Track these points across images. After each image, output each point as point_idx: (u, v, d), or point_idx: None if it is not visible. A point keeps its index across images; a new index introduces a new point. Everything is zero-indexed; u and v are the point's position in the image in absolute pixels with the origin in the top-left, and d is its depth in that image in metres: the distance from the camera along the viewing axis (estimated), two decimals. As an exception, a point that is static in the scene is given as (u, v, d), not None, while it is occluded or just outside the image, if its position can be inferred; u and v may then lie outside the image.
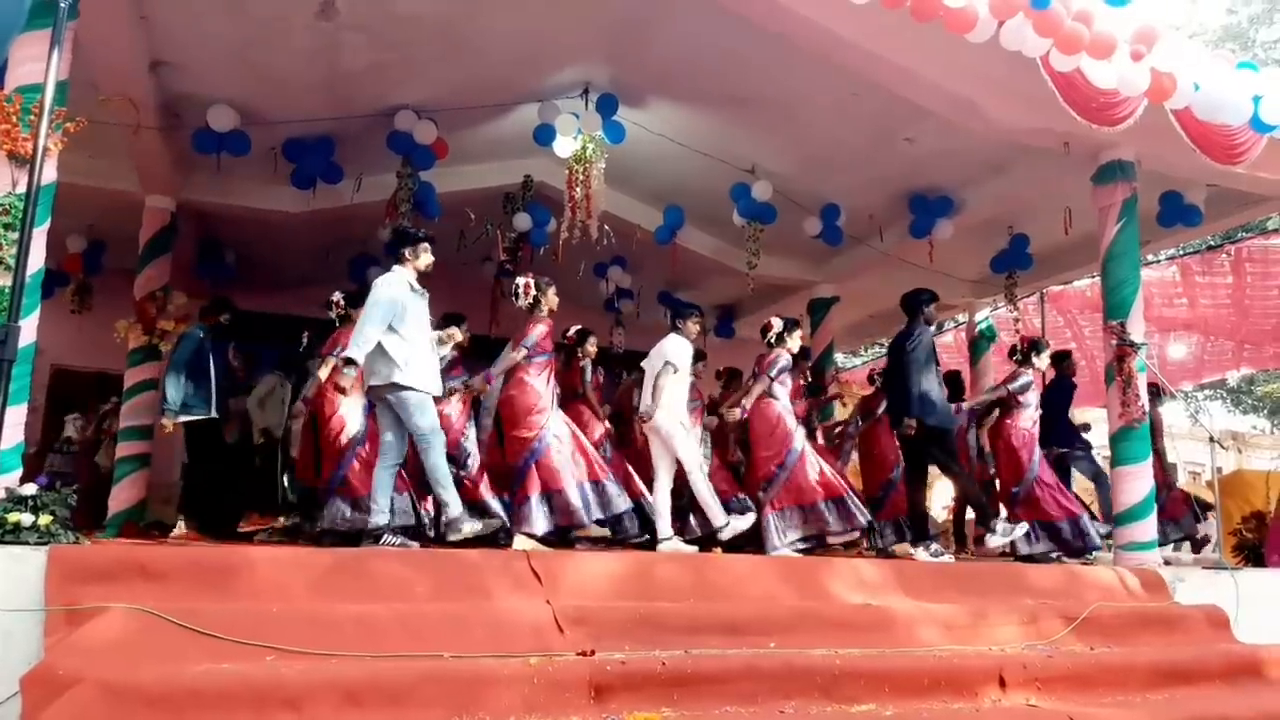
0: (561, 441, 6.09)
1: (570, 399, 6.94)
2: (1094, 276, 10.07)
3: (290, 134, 7.78)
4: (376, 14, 6.41)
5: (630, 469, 6.92)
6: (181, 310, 7.62)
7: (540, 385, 6.10)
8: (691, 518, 6.68)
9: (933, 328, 6.97)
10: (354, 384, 5.21)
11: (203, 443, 7.16)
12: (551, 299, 6.24)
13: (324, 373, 5.89)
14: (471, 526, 5.35)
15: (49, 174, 4.60)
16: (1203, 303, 11.33)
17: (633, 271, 10.59)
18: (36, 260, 4.62)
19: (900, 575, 5.40)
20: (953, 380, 8.71)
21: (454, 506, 5.36)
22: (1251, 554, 8.25)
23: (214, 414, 6.97)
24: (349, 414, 6.09)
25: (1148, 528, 6.74)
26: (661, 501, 6.16)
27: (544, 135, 7.75)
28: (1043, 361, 7.81)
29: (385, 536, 5.32)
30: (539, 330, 6.14)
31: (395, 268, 5.50)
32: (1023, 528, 6.85)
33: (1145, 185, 7.23)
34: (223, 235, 9.71)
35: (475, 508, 5.97)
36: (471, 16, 6.58)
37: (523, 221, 8.84)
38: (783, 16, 5.80)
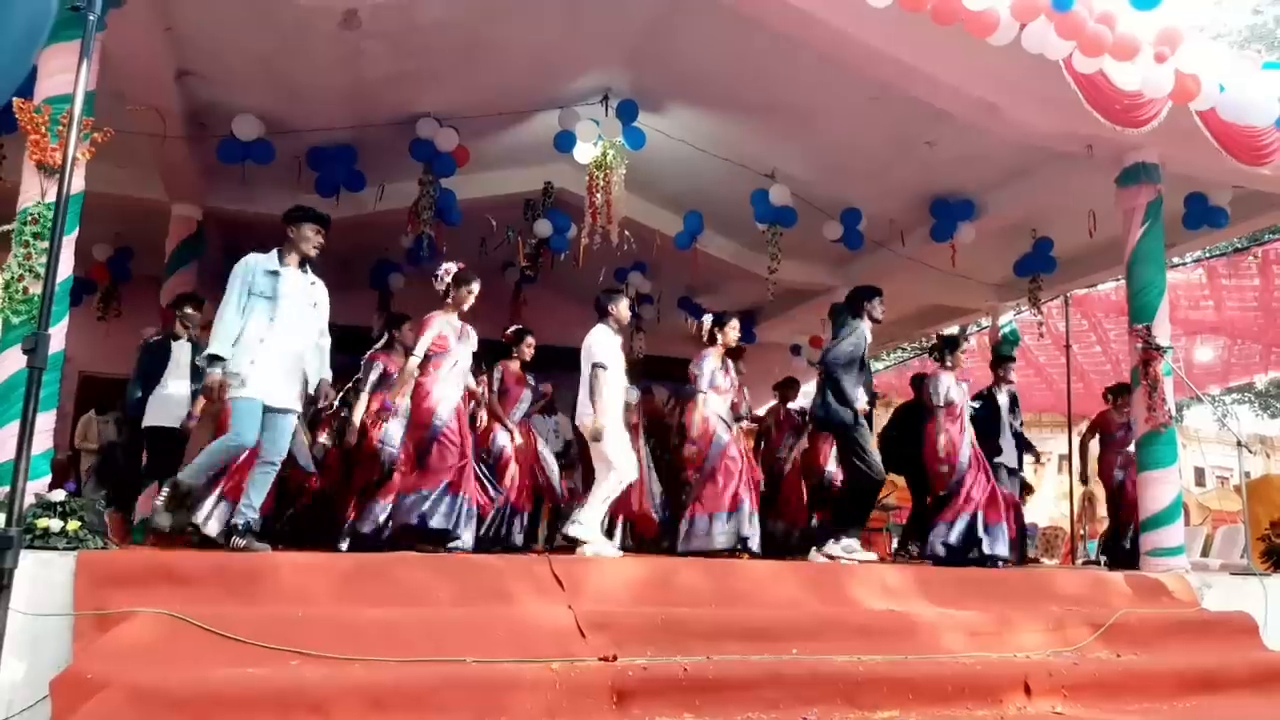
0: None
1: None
2: (1119, 279, 9.98)
3: (314, 142, 7.87)
4: (398, 23, 6.46)
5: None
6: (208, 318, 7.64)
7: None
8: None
9: (865, 323, 6.75)
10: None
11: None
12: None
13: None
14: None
15: (77, 183, 4.66)
16: (1229, 305, 11.20)
17: (653, 277, 10.60)
18: (65, 268, 4.69)
19: (923, 582, 5.37)
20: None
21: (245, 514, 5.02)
22: (1280, 560, 8.14)
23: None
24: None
25: (1174, 533, 6.66)
26: (597, 496, 5.89)
27: (564, 142, 7.79)
28: (958, 360, 7.51)
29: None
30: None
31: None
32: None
33: (1170, 187, 7.16)
34: (248, 243, 9.76)
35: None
36: (492, 24, 6.62)
37: (543, 228, 8.88)
38: (802, 21, 5.79)
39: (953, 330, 11.76)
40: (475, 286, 5.93)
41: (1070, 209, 8.49)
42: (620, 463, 5.87)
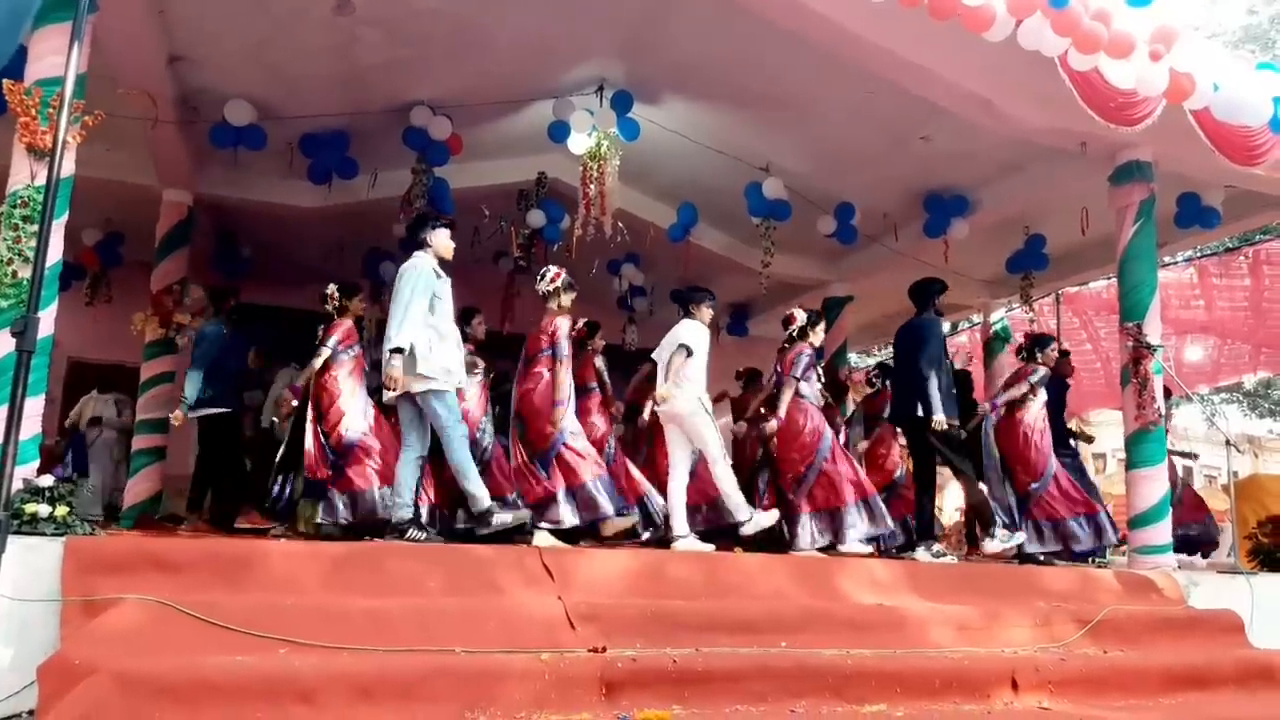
0: (577, 437, 6.09)
1: (580, 394, 6.91)
2: (1110, 278, 10.01)
3: (307, 129, 7.82)
4: (393, 10, 6.43)
5: (630, 465, 6.90)
6: (198, 304, 7.65)
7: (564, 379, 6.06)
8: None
9: (944, 321, 6.85)
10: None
11: (217, 437, 7.20)
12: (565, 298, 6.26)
13: (318, 363, 6.05)
14: (501, 519, 5.34)
15: (67, 167, 4.62)
16: (1220, 305, 11.25)
17: (646, 269, 10.58)
18: (55, 253, 4.64)
19: (913, 576, 5.38)
20: (963, 380, 8.65)
21: (482, 499, 5.34)
22: (1267, 559, 8.18)
23: (230, 407, 7.01)
24: (349, 407, 6.11)
25: (1162, 530, 6.70)
26: (677, 497, 6.11)
27: (559, 132, 7.76)
28: (1049, 358, 7.71)
29: (410, 531, 5.29)
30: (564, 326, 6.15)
31: (417, 253, 5.47)
32: (1020, 536, 6.79)
33: (1163, 186, 7.19)
34: (239, 229, 9.75)
35: (503, 501, 5.95)
36: (487, 13, 6.59)
37: (536, 218, 8.85)
38: (798, 14, 5.78)
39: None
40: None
41: (1063, 206, 8.52)
42: (712, 443, 6.02)
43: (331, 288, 6.56)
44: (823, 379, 7.47)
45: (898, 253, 9.50)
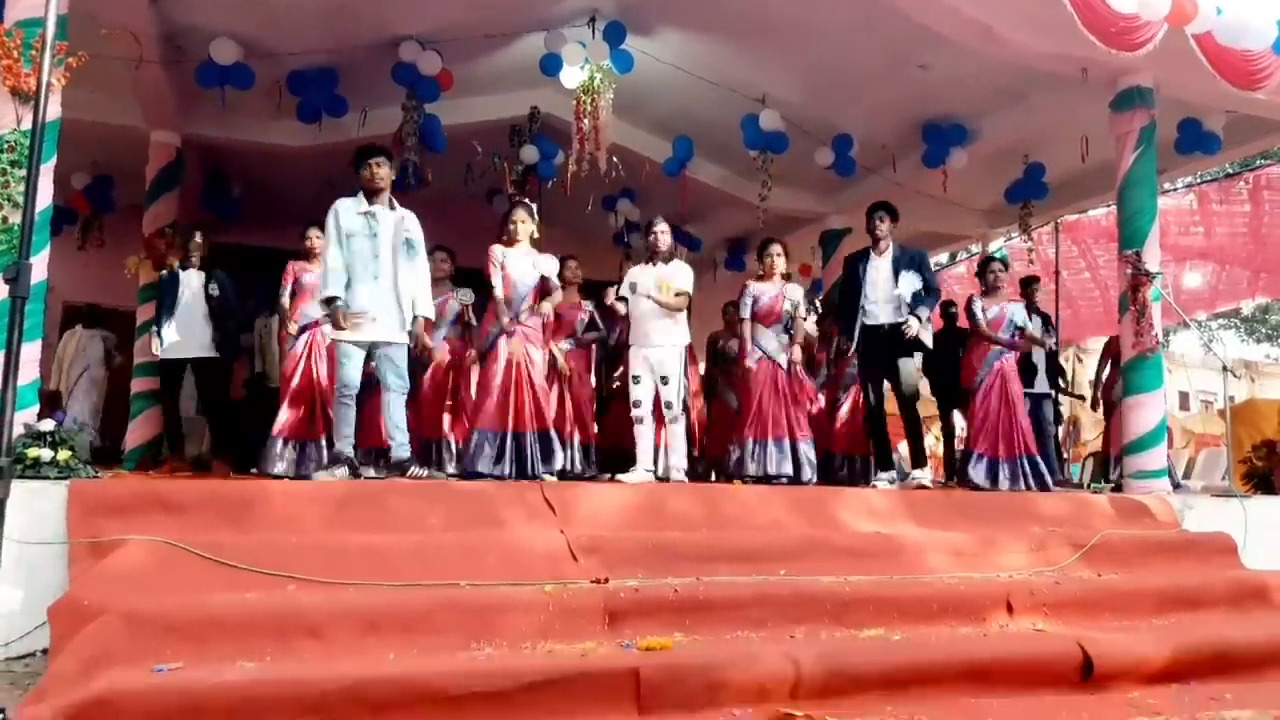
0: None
1: None
2: (1109, 205, 9.95)
3: (294, 66, 7.68)
4: (378, -60, 6.29)
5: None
6: (199, 249, 7.52)
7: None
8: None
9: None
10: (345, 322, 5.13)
11: (212, 384, 7.19)
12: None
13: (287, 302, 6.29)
14: (416, 472, 5.30)
15: (53, 110, 4.56)
16: (1219, 231, 11.20)
17: (642, 204, 10.50)
18: (45, 197, 4.61)
19: (910, 504, 5.44)
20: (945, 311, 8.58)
21: (404, 449, 5.36)
22: (1261, 482, 8.27)
23: (202, 354, 7.00)
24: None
25: (1157, 456, 6.77)
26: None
27: (551, 65, 7.63)
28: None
29: (411, 468, 5.29)
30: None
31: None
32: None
33: (1163, 112, 7.11)
34: (229, 170, 9.65)
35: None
36: (475, -58, 6.44)
37: (530, 154, 8.76)
38: (794, -62, 5.66)
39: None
40: None
41: (1063, 134, 8.43)
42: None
43: (312, 231, 6.51)
44: (819, 310, 7.46)
45: (896, 184, 9.42)
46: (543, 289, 6.01)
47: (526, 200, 6.29)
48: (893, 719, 3.27)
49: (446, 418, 6.71)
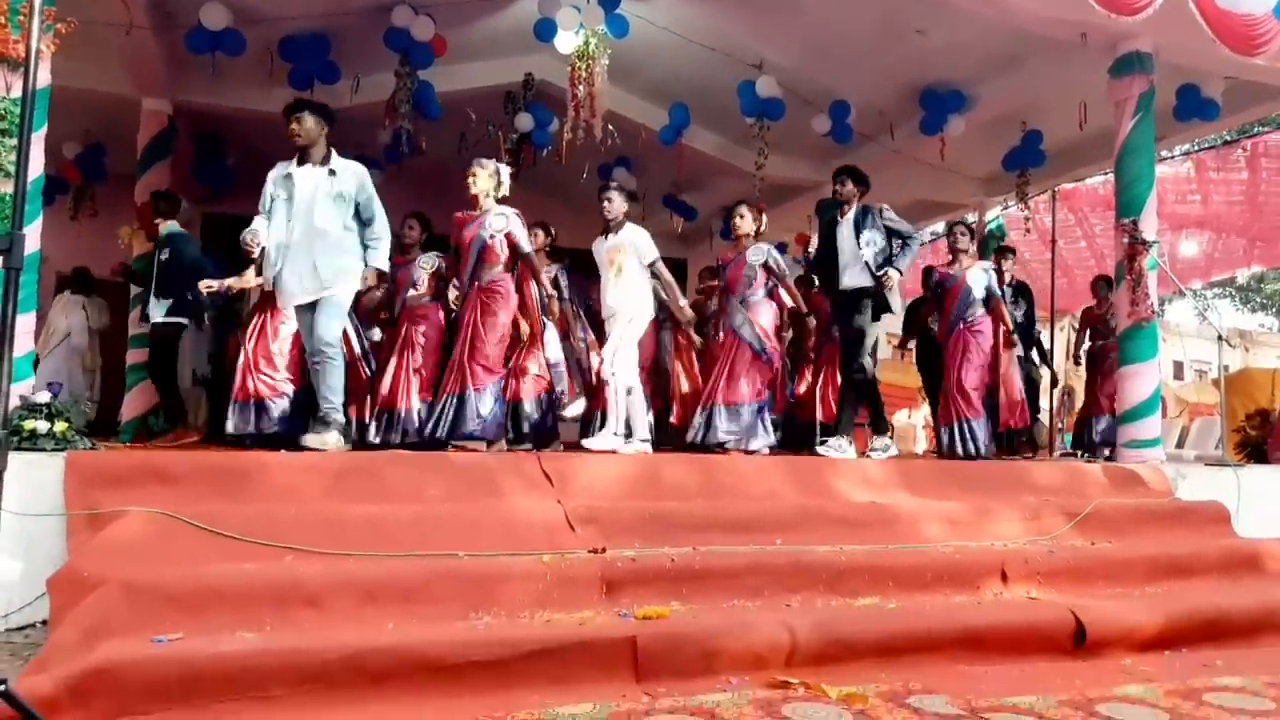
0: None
1: None
2: (1107, 173, 9.91)
3: (286, 32, 7.59)
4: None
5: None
6: (186, 215, 7.45)
7: None
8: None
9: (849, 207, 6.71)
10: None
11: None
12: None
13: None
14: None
15: (43, 77, 4.50)
16: (1216, 199, 11.17)
17: (638, 173, 10.43)
18: (36, 166, 4.55)
19: (905, 474, 5.46)
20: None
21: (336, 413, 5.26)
22: (1255, 451, 8.33)
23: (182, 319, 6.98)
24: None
25: (1151, 425, 6.79)
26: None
27: (545, 30, 7.52)
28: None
29: (307, 436, 5.13)
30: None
31: None
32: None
33: (1162, 79, 7.05)
34: (221, 138, 9.56)
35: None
36: (468, -95, 6.34)
37: (524, 122, 8.68)
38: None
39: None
40: None
41: (1061, 101, 8.37)
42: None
43: None
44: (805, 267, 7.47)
45: (894, 151, 9.37)
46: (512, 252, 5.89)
47: (484, 158, 6.14)
48: (888, 686, 3.31)
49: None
